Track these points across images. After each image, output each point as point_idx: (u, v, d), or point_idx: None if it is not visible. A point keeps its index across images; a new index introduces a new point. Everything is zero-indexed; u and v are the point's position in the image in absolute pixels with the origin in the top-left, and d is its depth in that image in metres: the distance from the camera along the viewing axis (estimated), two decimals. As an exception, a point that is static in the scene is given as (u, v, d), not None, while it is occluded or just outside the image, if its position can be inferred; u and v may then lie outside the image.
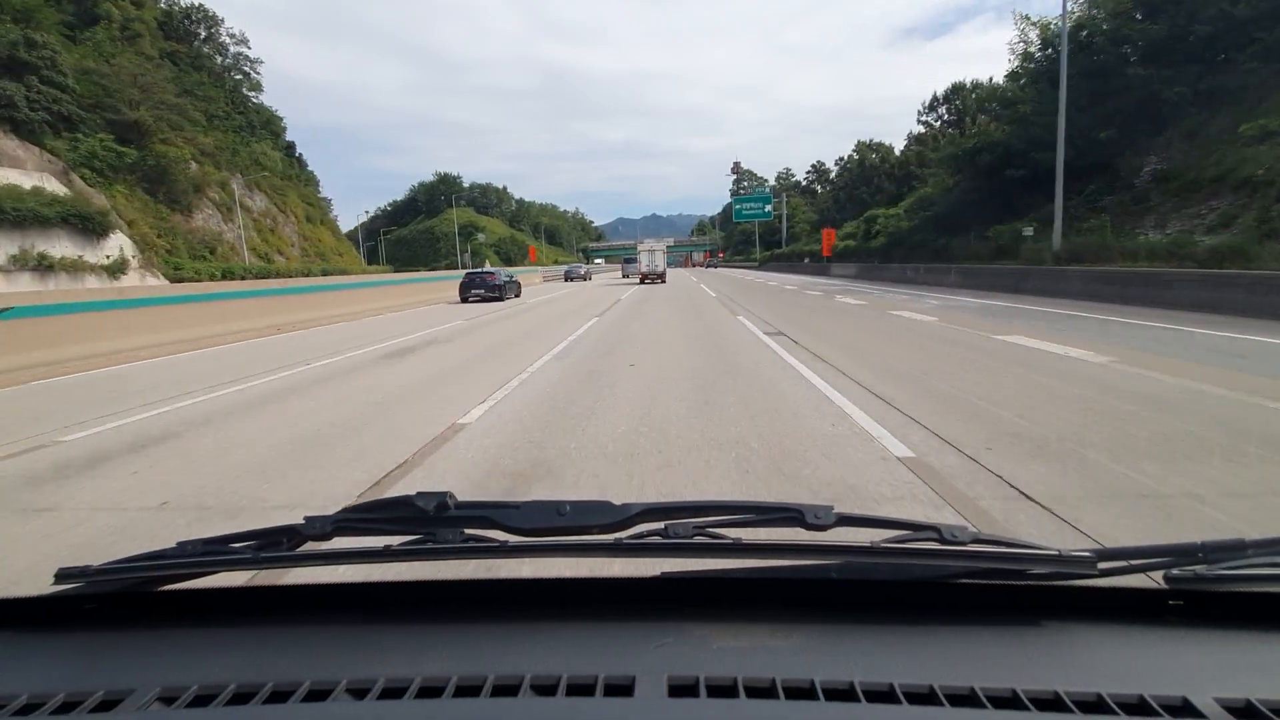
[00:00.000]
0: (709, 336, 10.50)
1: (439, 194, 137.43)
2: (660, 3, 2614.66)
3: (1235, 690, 0.68)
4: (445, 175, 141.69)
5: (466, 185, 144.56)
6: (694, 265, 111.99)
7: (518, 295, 26.35)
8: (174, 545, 0.94)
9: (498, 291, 24.04)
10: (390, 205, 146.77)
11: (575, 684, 0.71)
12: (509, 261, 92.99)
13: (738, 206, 73.17)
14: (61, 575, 0.91)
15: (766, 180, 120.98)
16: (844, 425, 4.73)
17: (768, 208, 72.20)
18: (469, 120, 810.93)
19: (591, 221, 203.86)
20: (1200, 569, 0.83)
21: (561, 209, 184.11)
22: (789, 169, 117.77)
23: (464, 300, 23.86)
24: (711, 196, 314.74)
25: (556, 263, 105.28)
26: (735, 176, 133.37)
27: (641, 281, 37.02)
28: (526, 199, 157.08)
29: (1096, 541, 2.68)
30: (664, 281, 36.11)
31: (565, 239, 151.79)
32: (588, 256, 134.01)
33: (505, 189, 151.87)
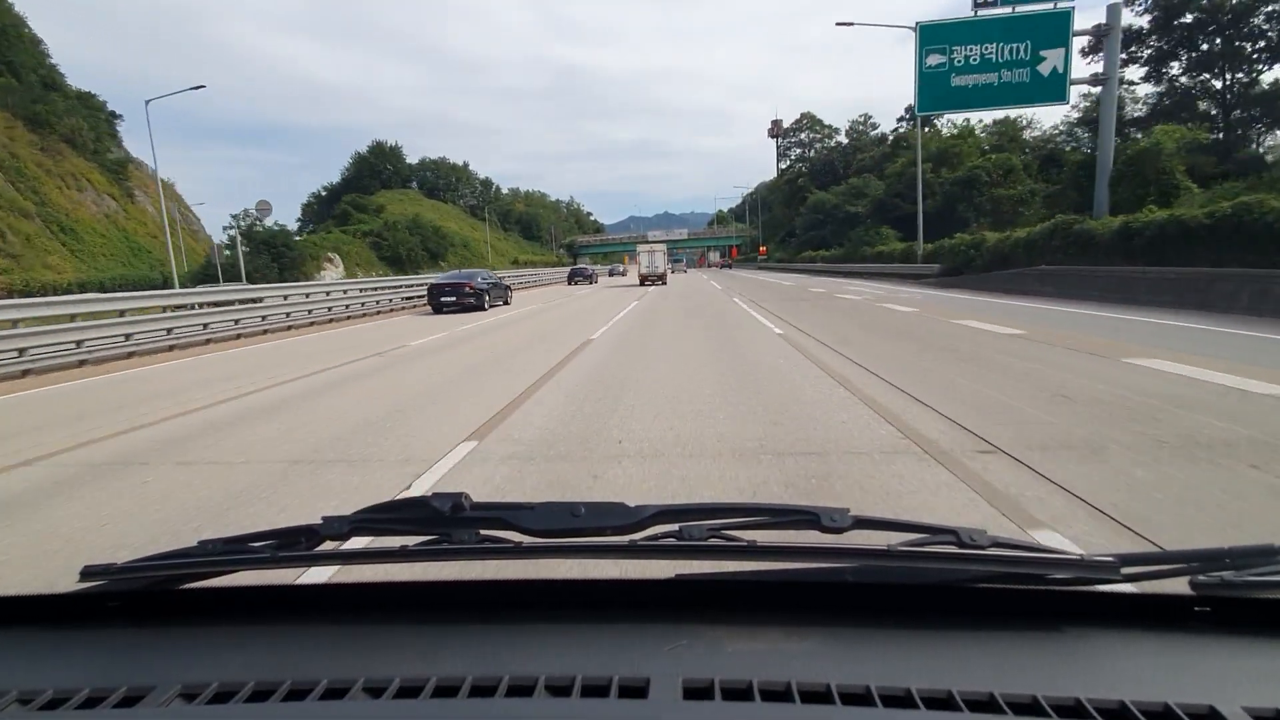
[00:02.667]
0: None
1: (376, 171, 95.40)
2: (671, 1, 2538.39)
3: (1264, 699, 0.66)
4: (379, 145, 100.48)
5: (415, 161, 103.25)
6: (709, 266, 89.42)
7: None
8: (195, 544, 0.95)
9: (589, 279, 41.29)
10: (325, 190, 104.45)
11: (590, 685, 0.71)
12: (396, 264, 51.76)
13: (935, 60, 22.31)
14: (86, 573, 0.92)
15: (833, 129, 79.11)
16: None
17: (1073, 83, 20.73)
18: (480, 120, 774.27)
19: (589, 214, 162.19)
20: (1228, 575, 0.81)
21: (553, 198, 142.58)
22: (867, 115, 76.21)
23: (569, 283, 39.80)
24: (725, 194, 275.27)
25: (516, 263, 66.02)
26: (779, 139, 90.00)
27: (641, 283, 34.04)
28: (494, 179, 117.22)
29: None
30: (664, 283, 33.56)
31: (544, 232, 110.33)
32: (575, 255, 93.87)
33: (466, 166, 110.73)
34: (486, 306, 18.98)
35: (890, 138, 61.51)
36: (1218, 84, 23.74)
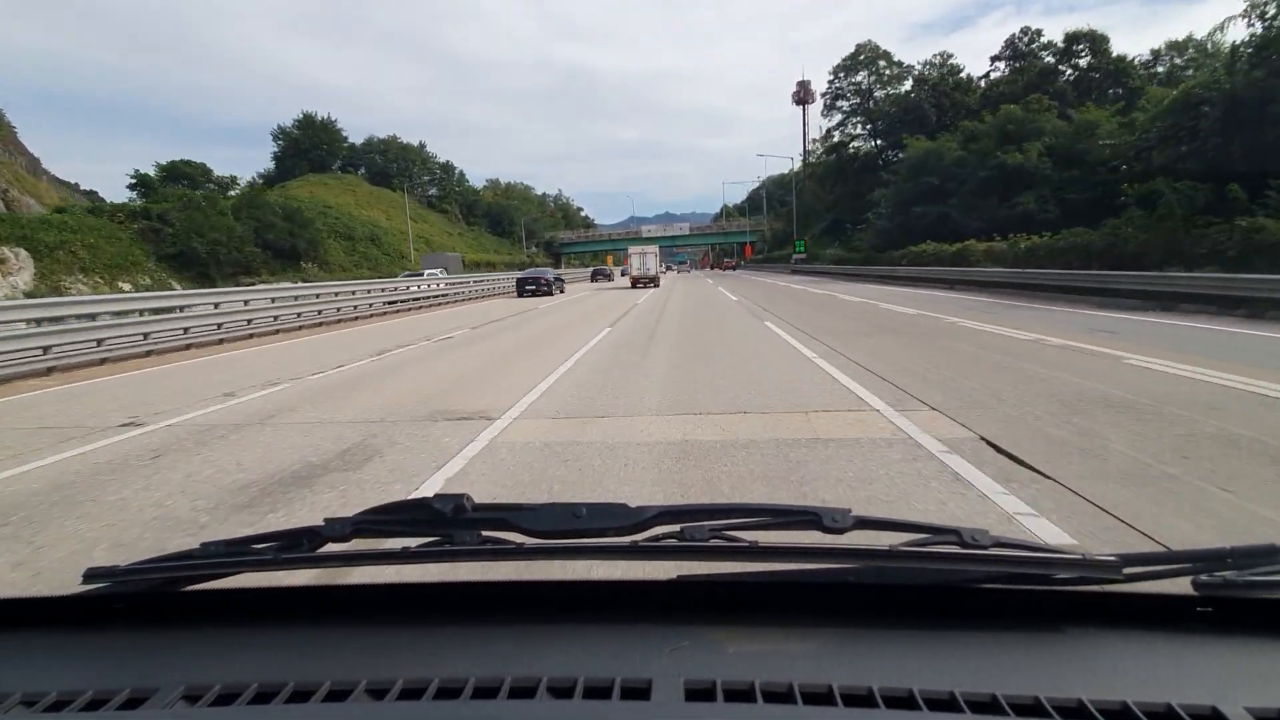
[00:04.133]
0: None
1: (304, 151, 71.80)
2: (674, 2, 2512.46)
3: (1266, 699, 0.66)
4: (309, 119, 78.09)
5: (359, 142, 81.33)
6: (711, 268, 79.87)
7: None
8: (198, 546, 0.95)
9: (608, 277, 50.17)
10: (261, 177, 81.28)
11: (592, 686, 0.71)
12: (192, 268, 30.34)
13: None
14: (90, 575, 0.92)
15: (904, 63, 56.68)
16: None
17: None
18: (483, 121, 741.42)
19: (580, 209, 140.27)
20: (1230, 575, 0.81)
21: (539, 191, 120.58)
22: (945, 54, 54.87)
23: (592, 281, 48.23)
24: (738, 179, 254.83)
25: (462, 264, 44.91)
26: (806, 104, 68.95)
27: (633, 285, 33.37)
28: (457, 165, 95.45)
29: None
30: (657, 286, 32.87)
31: (515, 228, 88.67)
32: (556, 256, 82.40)
33: (423, 146, 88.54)
34: (553, 293, 28.27)
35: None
36: None
